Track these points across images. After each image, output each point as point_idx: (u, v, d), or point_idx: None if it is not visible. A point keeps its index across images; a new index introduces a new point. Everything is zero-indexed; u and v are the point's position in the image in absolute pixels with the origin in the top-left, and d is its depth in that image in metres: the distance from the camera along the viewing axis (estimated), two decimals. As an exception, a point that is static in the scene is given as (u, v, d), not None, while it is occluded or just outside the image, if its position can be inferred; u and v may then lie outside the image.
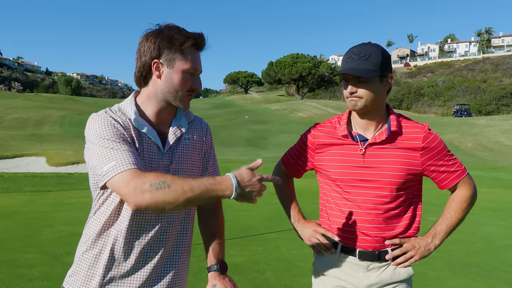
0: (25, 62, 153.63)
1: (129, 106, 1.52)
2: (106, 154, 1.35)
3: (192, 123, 1.65)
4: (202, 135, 1.67)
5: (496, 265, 4.75)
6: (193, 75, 1.51)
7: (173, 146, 1.54)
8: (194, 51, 1.49)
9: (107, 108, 1.52)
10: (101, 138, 1.38)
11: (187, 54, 1.47)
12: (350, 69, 1.64)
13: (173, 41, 1.45)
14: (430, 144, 1.68)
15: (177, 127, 1.57)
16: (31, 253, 4.74)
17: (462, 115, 49.47)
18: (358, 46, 1.69)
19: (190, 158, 1.59)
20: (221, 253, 1.63)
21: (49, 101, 54.92)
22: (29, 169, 17.46)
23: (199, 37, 1.48)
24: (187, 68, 1.47)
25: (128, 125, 1.46)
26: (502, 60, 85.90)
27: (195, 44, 1.48)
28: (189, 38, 1.46)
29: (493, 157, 24.00)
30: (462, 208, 1.75)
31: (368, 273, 1.75)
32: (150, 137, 1.48)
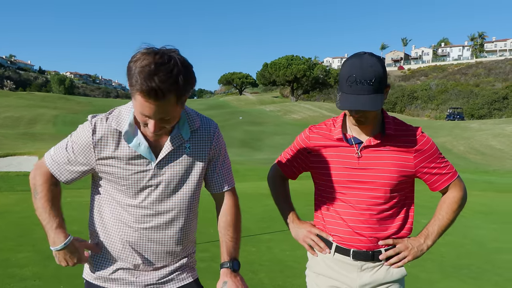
0: (18, 61, 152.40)
1: (127, 114, 1.52)
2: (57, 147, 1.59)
3: (197, 131, 1.60)
4: (208, 141, 1.62)
5: (487, 268, 4.80)
6: (147, 118, 1.40)
7: (166, 157, 1.55)
8: (147, 103, 1.35)
9: (107, 114, 1.55)
10: (69, 141, 1.57)
11: (137, 98, 1.36)
12: (362, 104, 1.57)
13: (131, 83, 1.35)
14: (423, 147, 1.71)
15: (176, 137, 1.55)
16: (23, 252, 4.71)
17: (454, 119, 49.82)
18: (360, 66, 1.58)
19: (188, 168, 1.59)
20: (234, 251, 1.67)
21: (42, 100, 54.52)
22: (21, 168, 17.31)
23: (145, 88, 1.31)
24: (137, 110, 1.40)
25: (115, 136, 1.52)
26: (494, 64, 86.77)
27: (142, 96, 1.34)
28: (138, 88, 1.33)
29: (485, 161, 24.22)
30: (453, 210, 1.78)
31: (361, 273, 1.77)
32: (136, 151, 1.51)
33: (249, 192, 9.20)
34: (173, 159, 1.56)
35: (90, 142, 1.51)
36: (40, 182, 1.57)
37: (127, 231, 1.59)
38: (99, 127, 1.51)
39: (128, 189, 1.55)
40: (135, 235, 1.59)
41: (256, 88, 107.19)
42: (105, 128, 1.51)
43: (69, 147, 1.56)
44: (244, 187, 10.66)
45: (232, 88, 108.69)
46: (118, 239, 1.61)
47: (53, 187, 1.59)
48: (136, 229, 1.58)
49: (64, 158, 1.56)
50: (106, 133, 1.51)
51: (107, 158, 1.53)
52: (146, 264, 1.63)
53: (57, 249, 1.55)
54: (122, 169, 1.53)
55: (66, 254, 1.57)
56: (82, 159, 1.54)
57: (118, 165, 1.53)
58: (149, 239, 1.59)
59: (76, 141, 1.54)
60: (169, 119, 1.43)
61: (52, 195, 1.58)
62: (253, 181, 11.82)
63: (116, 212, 1.60)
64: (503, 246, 5.75)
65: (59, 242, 1.54)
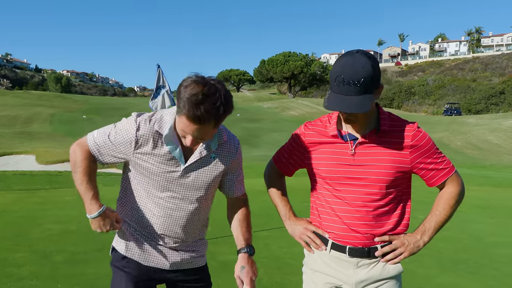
0: (14, 59, 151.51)
1: (169, 119, 1.73)
2: (100, 131, 1.79)
3: (223, 144, 1.83)
4: (231, 154, 1.86)
5: (484, 262, 4.81)
6: (188, 134, 1.62)
7: (195, 163, 1.77)
8: (190, 124, 1.56)
9: (151, 116, 1.75)
10: (112, 130, 1.77)
11: (184, 121, 1.57)
12: (345, 104, 1.57)
13: (179, 105, 1.56)
14: (419, 142, 1.70)
15: (205, 147, 1.78)
16: (20, 252, 4.69)
17: (452, 114, 49.92)
18: (349, 65, 1.56)
19: (210, 175, 1.82)
20: (250, 238, 1.93)
21: (39, 99, 54.38)
22: (18, 167, 17.27)
23: (191, 115, 1.52)
24: (179, 128, 1.63)
25: (155, 137, 1.72)
26: (491, 59, 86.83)
27: (187, 119, 1.55)
28: (185, 113, 1.54)
29: (482, 156, 24.30)
30: (450, 205, 1.77)
31: (357, 269, 1.76)
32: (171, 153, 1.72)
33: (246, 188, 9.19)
34: (199, 165, 1.79)
35: (132, 138, 1.72)
36: (80, 158, 1.75)
37: (150, 216, 1.82)
38: (143, 126, 1.72)
39: (156, 184, 1.77)
40: (157, 221, 1.82)
41: (254, 85, 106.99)
42: (148, 129, 1.71)
43: (111, 136, 1.76)
44: (242, 184, 10.64)
45: (229, 85, 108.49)
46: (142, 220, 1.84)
47: (91, 163, 1.77)
48: (158, 217, 1.82)
49: (105, 144, 1.76)
50: (148, 133, 1.72)
51: (144, 154, 1.73)
52: (165, 245, 1.86)
53: (92, 216, 1.72)
54: (155, 166, 1.74)
55: (100, 221, 1.73)
56: (121, 149, 1.75)
57: (153, 162, 1.74)
58: (168, 227, 1.83)
59: (120, 133, 1.74)
60: (205, 138, 1.68)
61: (90, 170, 1.76)
62: (250, 177, 11.82)
63: (142, 199, 1.83)
64: (500, 241, 5.77)
65: (94, 210, 1.72)
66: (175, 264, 1.90)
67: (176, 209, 1.81)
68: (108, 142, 1.75)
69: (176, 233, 1.85)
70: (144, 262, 1.86)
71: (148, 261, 1.86)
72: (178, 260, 1.90)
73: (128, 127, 1.73)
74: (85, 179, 1.73)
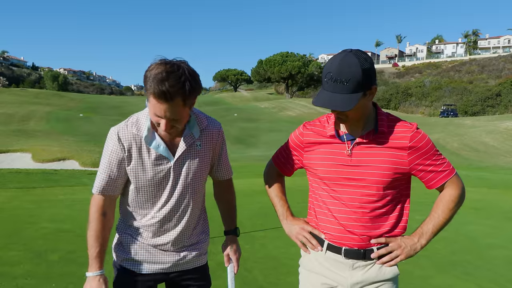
0: (11, 57, 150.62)
1: (144, 120, 1.77)
2: (100, 169, 1.81)
3: (205, 130, 1.86)
4: (214, 139, 1.90)
5: (480, 264, 4.82)
6: (160, 118, 1.65)
7: (183, 155, 1.80)
8: (159, 104, 1.59)
9: (126, 122, 1.79)
10: (103, 156, 1.81)
11: (152, 101, 1.61)
12: (330, 102, 1.58)
13: (147, 87, 1.60)
14: (418, 144, 1.68)
15: (189, 136, 1.80)
16: (14, 250, 4.66)
17: (448, 116, 50.04)
18: (338, 65, 1.57)
19: (200, 162, 1.85)
20: (235, 220, 2.10)
21: (35, 97, 54.12)
22: (14, 165, 17.17)
23: (157, 91, 1.57)
24: (151, 111, 1.65)
25: (137, 141, 1.75)
26: (488, 61, 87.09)
27: (154, 98, 1.59)
28: (151, 92, 1.58)
29: (478, 157, 24.37)
30: (449, 208, 1.75)
31: (353, 271, 1.75)
32: (157, 152, 1.75)
33: (243, 189, 9.17)
34: (188, 156, 1.82)
35: (118, 148, 1.75)
36: (90, 216, 1.81)
37: (151, 217, 1.85)
38: (122, 133, 1.75)
39: (152, 187, 1.80)
40: (158, 220, 1.85)
41: (251, 85, 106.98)
42: (128, 134, 1.76)
43: (103, 164, 1.79)
44: (238, 184, 10.62)
45: (227, 85, 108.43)
46: (144, 224, 1.86)
47: (101, 218, 1.81)
48: (158, 216, 1.84)
49: (107, 180, 1.79)
50: (129, 138, 1.75)
51: (133, 164, 1.76)
52: (169, 245, 1.89)
53: (88, 275, 1.78)
54: (145, 168, 1.77)
55: (93, 284, 1.77)
56: (118, 168, 1.78)
57: (142, 165, 1.77)
58: (170, 223, 1.85)
59: (109, 153, 1.77)
60: (178, 120, 1.67)
61: (100, 227, 1.80)
62: (247, 177, 11.80)
63: (141, 204, 1.85)
64: (495, 242, 5.78)
65: (92, 269, 1.79)
66: (177, 265, 1.92)
67: (175, 204, 1.84)
68: (106, 174, 1.78)
69: (176, 228, 1.87)
70: (147, 264, 1.88)
71: (150, 262, 1.88)
72: (180, 260, 1.91)
73: (111, 142, 1.76)
74: (93, 235, 1.78)
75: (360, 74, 1.55)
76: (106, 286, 1.81)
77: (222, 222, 2.12)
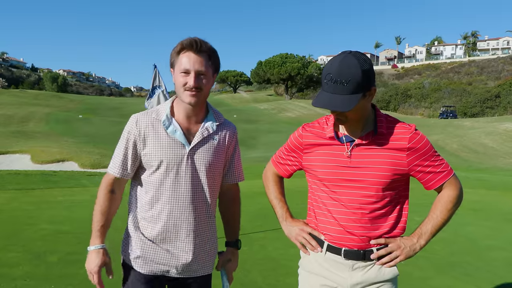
0: (10, 58, 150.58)
1: (165, 108, 1.87)
2: (116, 150, 1.89)
3: (221, 125, 1.94)
4: (229, 137, 1.96)
5: (480, 265, 4.82)
6: (188, 74, 1.76)
7: (198, 144, 1.84)
8: (188, 54, 1.76)
9: (147, 110, 1.89)
10: (120, 139, 1.88)
11: (181, 58, 1.77)
12: (330, 103, 1.59)
13: (174, 49, 1.80)
14: (416, 145, 1.69)
15: (206, 127, 1.87)
16: (13, 251, 4.65)
17: (448, 117, 50.03)
18: (337, 66, 1.58)
19: (215, 156, 1.88)
20: (238, 232, 2.10)
21: (35, 98, 54.09)
22: (13, 166, 17.15)
23: (186, 42, 1.75)
24: (180, 69, 1.77)
25: (155, 125, 1.83)
26: (487, 63, 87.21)
27: (183, 48, 1.76)
28: (179, 45, 1.77)
29: (477, 159, 24.38)
30: (448, 209, 1.76)
31: (353, 272, 1.75)
32: (174, 136, 1.81)
33: (242, 190, 9.15)
34: (204, 147, 1.86)
35: (135, 131, 1.83)
36: (99, 192, 1.88)
37: (163, 212, 1.84)
38: (141, 118, 1.85)
39: (166, 173, 1.81)
40: (170, 215, 1.84)
41: (251, 86, 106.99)
42: (146, 118, 1.85)
43: (121, 146, 1.86)
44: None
45: (226, 86, 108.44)
46: (155, 221, 1.86)
47: (110, 194, 1.88)
48: (170, 210, 1.83)
49: (122, 157, 1.85)
50: (147, 122, 1.83)
51: (148, 144, 1.81)
52: (180, 244, 1.87)
53: (89, 249, 1.84)
54: (161, 152, 1.80)
55: (95, 259, 1.82)
56: (133, 150, 1.84)
57: (158, 149, 1.80)
58: (180, 216, 1.84)
59: (126, 135, 1.86)
60: (205, 76, 1.78)
61: (107, 204, 1.86)
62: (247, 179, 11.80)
63: (153, 198, 1.85)
64: (494, 244, 5.79)
65: (93, 243, 1.84)
66: (185, 270, 1.89)
67: (190, 196, 1.84)
68: (121, 154, 1.85)
69: (188, 222, 1.85)
70: (155, 265, 1.87)
71: (159, 264, 1.87)
72: (188, 265, 1.89)
73: (129, 124, 1.86)
74: (99, 209, 1.85)
75: (359, 75, 1.56)
76: (107, 259, 1.84)
77: (225, 232, 2.10)
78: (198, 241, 1.89)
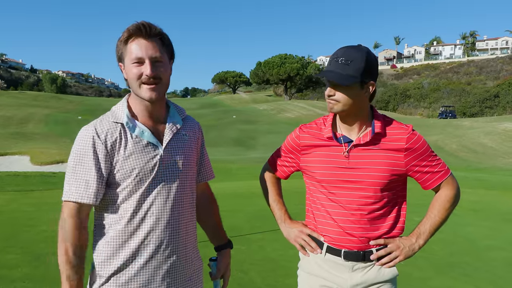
0: (9, 59, 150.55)
1: (121, 109, 1.61)
2: (68, 174, 1.57)
3: (186, 120, 1.75)
4: (195, 132, 1.78)
5: (479, 265, 4.82)
6: (141, 64, 1.53)
7: (171, 142, 1.63)
8: (138, 41, 1.52)
9: (101, 117, 1.61)
10: (71, 159, 1.56)
11: (130, 46, 1.54)
12: (329, 73, 1.64)
13: (120, 39, 1.56)
14: (414, 145, 1.69)
15: (172, 123, 1.67)
16: (12, 253, 4.65)
17: (447, 117, 50.08)
18: (344, 49, 1.67)
19: (189, 153, 1.69)
20: (225, 233, 1.93)
21: (34, 99, 54.09)
22: (12, 168, 17.15)
23: (133, 27, 1.52)
24: (131, 59, 1.53)
25: (118, 131, 1.55)
26: (486, 63, 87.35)
27: (131, 35, 1.53)
28: (125, 32, 1.54)
29: (476, 159, 24.40)
30: (445, 208, 1.77)
31: (353, 273, 1.75)
32: (142, 138, 1.57)
33: (241, 191, 9.17)
34: (177, 145, 1.65)
35: (97, 141, 1.52)
36: (59, 237, 1.61)
37: (143, 229, 1.57)
38: (99, 126, 1.56)
39: (141, 180, 1.55)
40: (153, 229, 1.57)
41: (250, 87, 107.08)
42: (106, 125, 1.56)
43: (76, 166, 1.54)
44: (236, 186, 10.61)
45: (225, 87, 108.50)
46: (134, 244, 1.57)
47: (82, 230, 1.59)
48: (153, 223, 1.57)
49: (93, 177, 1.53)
50: (108, 128, 1.55)
51: (116, 155, 1.54)
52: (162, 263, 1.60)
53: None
54: (132, 160, 1.54)
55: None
56: (103, 163, 1.53)
57: (128, 157, 1.54)
58: (166, 226, 1.59)
59: (79, 152, 1.53)
60: (161, 65, 1.54)
61: (79, 243, 1.59)
62: (246, 180, 11.80)
63: (130, 215, 1.57)
64: (494, 244, 5.79)
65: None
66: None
67: (167, 200, 1.59)
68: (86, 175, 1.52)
69: (172, 234, 1.60)
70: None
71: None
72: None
73: (87, 139, 1.54)
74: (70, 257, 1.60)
75: (363, 61, 1.63)
76: None
77: (210, 239, 1.90)
78: (186, 268, 1.66)
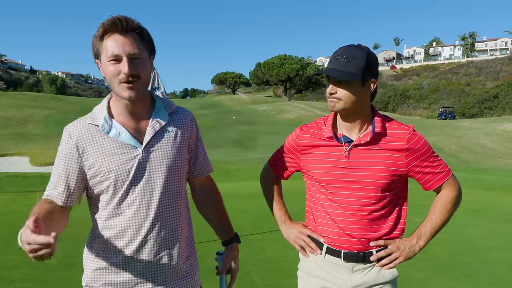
0: (9, 60, 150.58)
1: (101, 109, 1.57)
2: (53, 173, 1.59)
3: (174, 113, 1.65)
4: (187, 125, 1.66)
5: (479, 266, 4.82)
6: (119, 61, 1.45)
7: (152, 140, 1.55)
8: (114, 37, 1.44)
9: (80, 118, 1.59)
10: (57, 156, 1.58)
11: (106, 43, 1.46)
12: (330, 70, 1.64)
13: (95, 35, 1.47)
14: (415, 146, 1.69)
15: (156, 121, 1.58)
16: (12, 254, 4.65)
17: (446, 118, 50.09)
18: (345, 47, 1.68)
19: (174, 150, 1.59)
20: (231, 227, 1.84)
21: (33, 100, 54.02)
22: (12, 169, 17.14)
23: (108, 22, 1.44)
24: (108, 57, 1.45)
25: (93, 133, 1.52)
26: (485, 64, 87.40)
27: (106, 31, 1.44)
28: (100, 28, 1.45)
29: (476, 159, 24.40)
30: (446, 209, 1.76)
31: (353, 274, 1.75)
32: (119, 140, 1.51)
33: (241, 192, 9.16)
34: (159, 144, 1.56)
35: (71, 144, 1.52)
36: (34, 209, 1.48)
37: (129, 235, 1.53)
38: (73, 128, 1.54)
39: (118, 184, 1.50)
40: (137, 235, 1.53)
41: (249, 88, 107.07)
42: (80, 126, 1.54)
43: (61, 166, 1.55)
44: (236, 187, 10.61)
45: (225, 87, 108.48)
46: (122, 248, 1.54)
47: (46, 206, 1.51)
48: (134, 223, 1.52)
49: (63, 180, 1.53)
50: (82, 130, 1.53)
51: (90, 158, 1.50)
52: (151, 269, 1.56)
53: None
54: (107, 163, 1.49)
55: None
56: (73, 166, 1.53)
57: (103, 160, 1.49)
58: (148, 231, 1.53)
59: (61, 151, 1.55)
60: (140, 62, 1.47)
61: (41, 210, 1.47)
62: (246, 180, 11.79)
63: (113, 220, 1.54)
64: (494, 244, 5.79)
65: None
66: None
67: (149, 206, 1.52)
68: (62, 177, 1.54)
69: (158, 234, 1.54)
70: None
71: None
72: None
73: (64, 141, 1.54)
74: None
75: (364, 59, 1.63)
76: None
77: (216, 233, 1.84)
78: (174, 267, 1.59)
